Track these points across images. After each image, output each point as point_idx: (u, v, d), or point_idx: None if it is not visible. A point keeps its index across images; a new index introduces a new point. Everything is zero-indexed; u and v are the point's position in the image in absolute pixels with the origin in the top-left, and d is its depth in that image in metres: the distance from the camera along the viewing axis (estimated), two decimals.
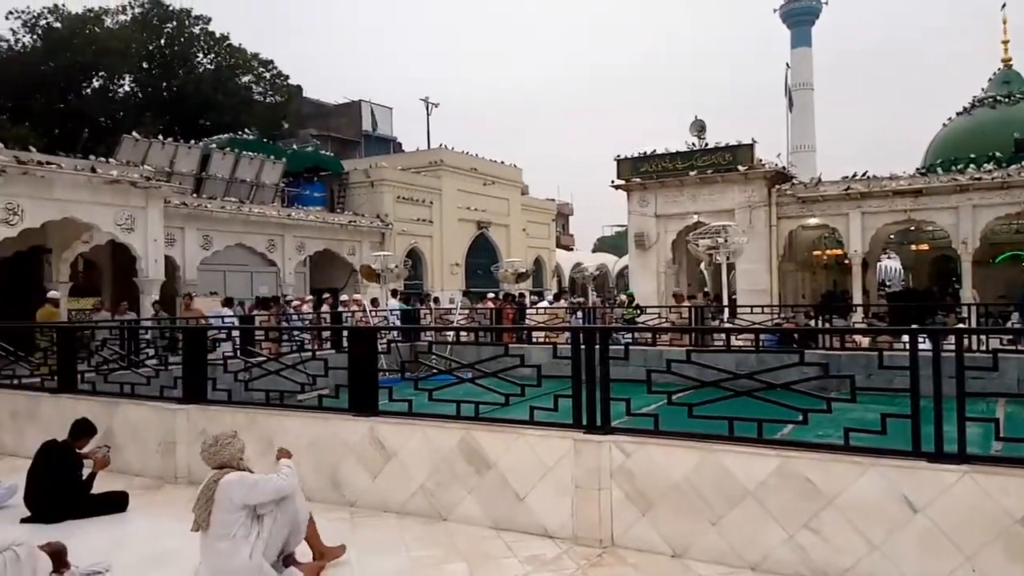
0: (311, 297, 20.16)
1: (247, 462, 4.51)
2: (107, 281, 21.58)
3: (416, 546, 5.04)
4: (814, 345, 13.30)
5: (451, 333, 12.18)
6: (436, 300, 23.54)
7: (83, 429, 6.23)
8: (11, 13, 33.20)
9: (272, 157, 25.77)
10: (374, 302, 19.08)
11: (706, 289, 23.72)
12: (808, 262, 25.73)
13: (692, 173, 22.93)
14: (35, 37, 33.17)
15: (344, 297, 19.43)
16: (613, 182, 24.63)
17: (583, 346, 5.28)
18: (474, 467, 5.46)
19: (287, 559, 4.45)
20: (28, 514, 5.82)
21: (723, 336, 11.92)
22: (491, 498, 5.37)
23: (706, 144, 23.30)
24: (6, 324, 12.77)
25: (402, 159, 32.91)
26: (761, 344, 9.77)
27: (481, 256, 31.90)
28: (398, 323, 17.49)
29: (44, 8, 33.35)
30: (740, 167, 22.11)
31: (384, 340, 12.89)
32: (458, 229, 31.01)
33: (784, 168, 23.32)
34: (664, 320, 16.97)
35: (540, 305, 18.88)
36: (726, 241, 17.23)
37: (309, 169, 28.61)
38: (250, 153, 24.92)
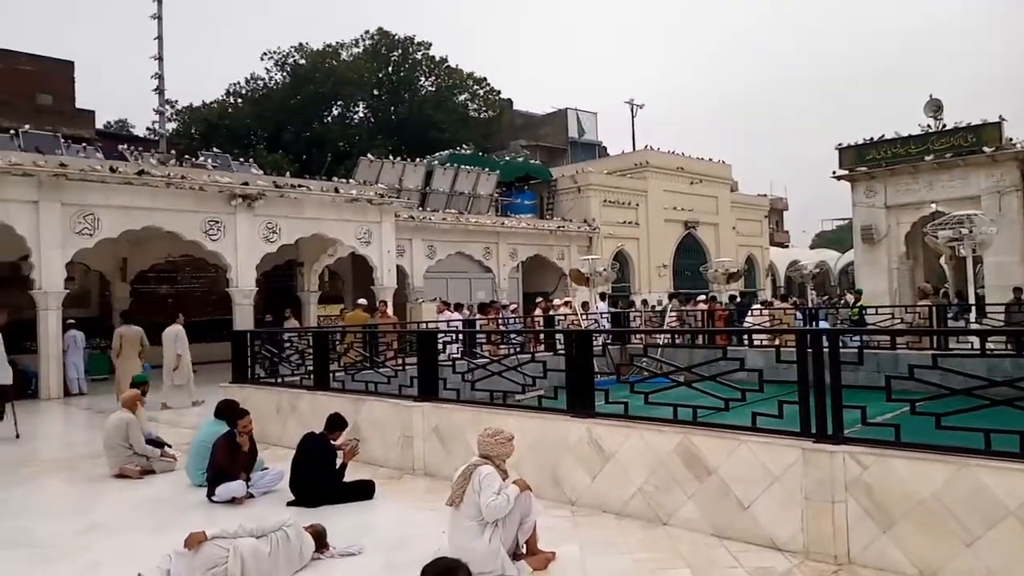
0: (514, 304, 20.98)
1: (507, 466, 4.83)
2: (348, 289, 23.99)
3: (638, 548, 5.08)
4: None
5: (663, 335, 12.06)
6: (644, 302, 23.42)
7: (336, 423, 6.92)
8: (265, 54, 38.15)
9: (487, 169, 27.11)
10: (584, 305, 19.40)
11: (946, 286, 21.35)
12: None
13: (928, 158, 20.77)
14: (285, 74, 37.72)
15: (557, 301, 19.93)
16: (835, 172, 22.99)
17: (810, 349, 5.03)
18: (693, 472, 5.40)
19: (516, 555, 4.71)
20: (292, 498, 6.56)
21: (969, 339, 10.68)
22: (712, 505, 5.28)
23: (943, 125, 21.00)
24: (284, 329, 14.49)
25: (608, 163, 33.09)
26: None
27: (689, 256, 31.17)
28: (608, 326, 17.64)
29: (291, 47, 37.92)
30: (986, 148, 19.66)
31: (598, 343, 13.08)
32: (665, 230, 30.55)
33: None
34: (898, 321, 15.52)
35: (755, 307, 18.07)
36: (971, 232, 15.41)
37: (520, 178, 29.72)
38: (467, 167, 26.43)
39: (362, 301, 16.96)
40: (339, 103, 37.91)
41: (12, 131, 18.39)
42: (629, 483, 5.76)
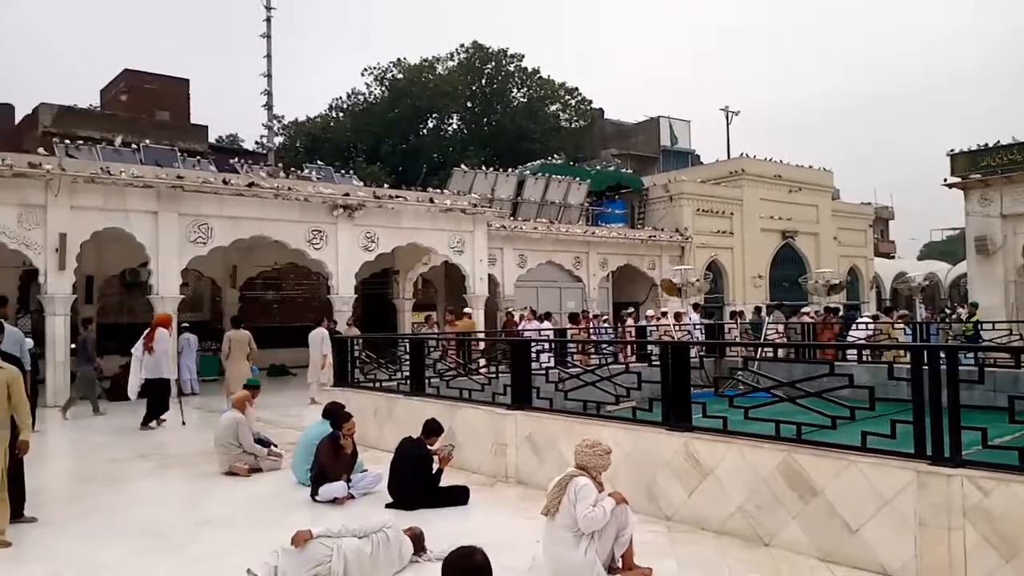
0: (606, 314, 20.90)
1: (602, 479, 4.81)
2: (441, 297, 24.47)
3: (739, 569, 4.95)
4: None
5: (762, 349, 11.71)
6: (741, 314, 22.80)
7: (432, 428, 7.07)
8: (365, 70, 39.56)
9: (578, 179, 27.10)
10: (677, 316, 19.07)
11: None
12: None
13: None
14: (383, 89, 38.98)
15: (650, 312, 19.69)
16: (946, 180, 21.85)
17: (927, 366, 4.79)
18: (797, 492, 5.22)
19: (612, 569, 4.67)
20: (390, 500, 6.73)
21: None
22: (818, 526, 5.09)
23: None
24: (382, 335, 15.01)
25: (701, 171, 32.46)
26: None
27: (787, 267, 30.15)
28: (701, 337, 17.27)
29: (390, 62, 39.19)
30: None
31: (695, 355, 12.82)
32: (761, 239, 29.66)
33: None
34: (1016, 337, 14.53)
35: (861, 320, 17.26)
36: None
37: (611, 187, 29.55)
38: (558, 176, 26.51)
39: (468, 310, 17.40)
40: (434, 116, 38.87)
41: (134, 145, 19.74)
42: (728, 500, 5.63)
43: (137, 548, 5.60)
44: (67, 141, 18.32)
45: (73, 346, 14.45)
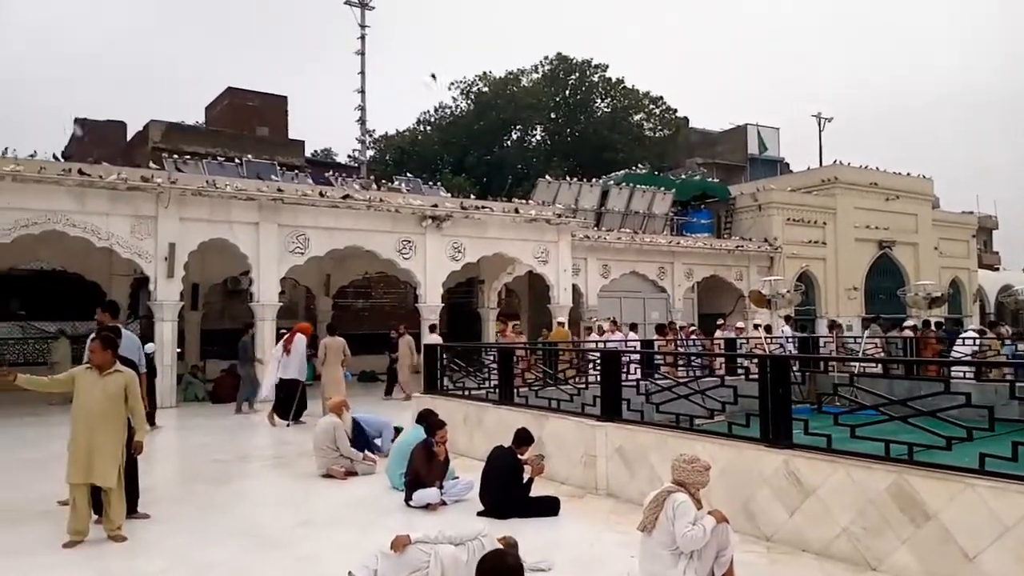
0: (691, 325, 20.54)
1: (701, 496, 4.73)
2: (524, 307, 24.58)
3: None
4: None
5: (861, 364, 11.24)
6: (839, 326, 21.98)
7: (524, 438, 7.08)
8: (452, 84, 40.36)
9: (662, 188, 26.79)
10: (768, 329, 18.54)
11: None
12: None
13: None
14: (469, 102, 39.67)
15: (740, 324, 19.20)
16: None
17: None
18: (908, 516, 4.99)
19: None
20: (481, 508, 6.78)
21: None
22: (930, 553, 4.84)
23: None
24: (469, 344, 15.23)
25: (791, 180, 31.51)
26: None
27: (883, 279, 28.89)
28: (793, 351, 16.72)
29: (476, 76, 39.82)
30: None
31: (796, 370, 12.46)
32: (855, 250, 28.51)
33: None
34: None
35: (967, 335, 16.29)
36: None
37: (696, 197, 29.05)
38: (642, 186, 26.26)
39: (561, 319, 17.47)
40: (518, 127, 39.29)
41: (237, 160, 20.72)
42: (833, 522, 5.42)
43: (243, 547, 5.84)
44: (175, 156, 19.39)
45: (179, 350, 15.26)
